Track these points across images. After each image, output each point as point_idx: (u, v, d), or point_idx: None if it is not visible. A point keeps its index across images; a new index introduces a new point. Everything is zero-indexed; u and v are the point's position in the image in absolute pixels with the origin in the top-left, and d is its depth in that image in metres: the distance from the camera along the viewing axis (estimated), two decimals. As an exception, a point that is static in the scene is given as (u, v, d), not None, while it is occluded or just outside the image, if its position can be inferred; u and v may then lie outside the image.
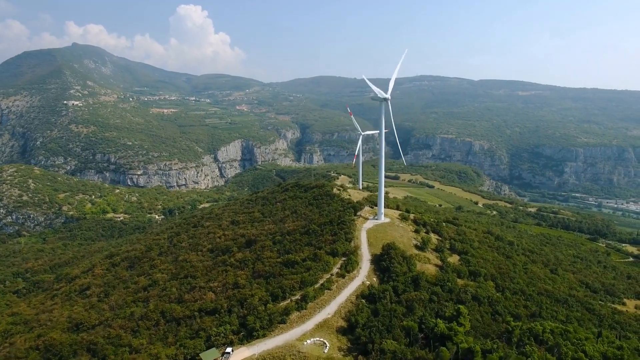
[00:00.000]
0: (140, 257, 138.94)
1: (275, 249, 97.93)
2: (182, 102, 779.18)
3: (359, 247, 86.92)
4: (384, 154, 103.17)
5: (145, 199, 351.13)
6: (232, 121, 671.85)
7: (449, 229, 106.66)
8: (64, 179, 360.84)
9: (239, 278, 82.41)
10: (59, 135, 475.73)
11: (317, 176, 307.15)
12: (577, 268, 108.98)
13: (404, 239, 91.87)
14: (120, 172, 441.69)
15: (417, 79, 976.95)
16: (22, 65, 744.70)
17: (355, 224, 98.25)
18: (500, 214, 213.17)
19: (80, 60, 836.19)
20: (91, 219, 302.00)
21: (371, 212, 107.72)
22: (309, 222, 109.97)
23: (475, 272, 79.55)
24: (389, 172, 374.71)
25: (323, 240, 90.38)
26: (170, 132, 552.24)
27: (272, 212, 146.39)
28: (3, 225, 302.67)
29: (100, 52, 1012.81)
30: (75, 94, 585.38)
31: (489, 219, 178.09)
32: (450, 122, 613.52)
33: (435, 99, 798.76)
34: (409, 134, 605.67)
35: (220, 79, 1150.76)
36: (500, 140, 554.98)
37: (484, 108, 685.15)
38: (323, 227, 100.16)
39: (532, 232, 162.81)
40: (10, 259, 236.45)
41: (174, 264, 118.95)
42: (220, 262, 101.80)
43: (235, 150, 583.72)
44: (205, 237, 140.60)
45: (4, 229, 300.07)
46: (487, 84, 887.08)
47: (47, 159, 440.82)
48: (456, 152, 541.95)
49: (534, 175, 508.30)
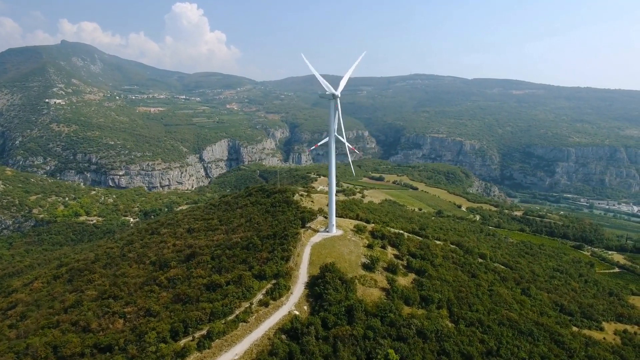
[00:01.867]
0: (83, 269, 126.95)
1: (210, 266, 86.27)
2: (170, 101, 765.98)
3: (296, 267, 75.26)
4: (334, 157, 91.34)
5: (122, 200, 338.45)
6: (220, 120, 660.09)
7: (410, 242, 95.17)
8: (38, 180, 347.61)
9: (154, 303, 70.76)
10: (39, 134, 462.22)
11: (297, 177, 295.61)
12: (554, 285, 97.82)
13: (352, 256, 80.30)
14: (102, 173, 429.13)
15: (410, 78, 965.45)
16: (6, 63, 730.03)
17: (301, 237, 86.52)
18: (483, 218, 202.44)
19: (68, 58, 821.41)
20: (62, 223, 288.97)
21: (324, 223, 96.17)
22: (257, 233, 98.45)
23: (427, 298, 68.06)
24: (374, 172, 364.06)
25: (258, 257, 78.90)
26: (155, 132, 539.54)
27: (229, 220, 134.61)
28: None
29: (90, 50, 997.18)
30: (58, 92, 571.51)
31: (468, 225, 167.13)
32: (442, 121, 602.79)
33: (428, 97, 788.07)
34: (400, 133, 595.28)
35: (212, 78, 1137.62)
36: (491, 139, 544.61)
37: (476, 107, 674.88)
38: (264, 241, 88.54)
39: (512, 240, 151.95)
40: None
41: (111, 279, 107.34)
42: (151, 280, 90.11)
43: (222, 150, 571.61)
44: (156, 247, 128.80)
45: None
46: (481, 83, 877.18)
47: (25, 159, 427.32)
48: (447, 151, 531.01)
49: (525, 175, 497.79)
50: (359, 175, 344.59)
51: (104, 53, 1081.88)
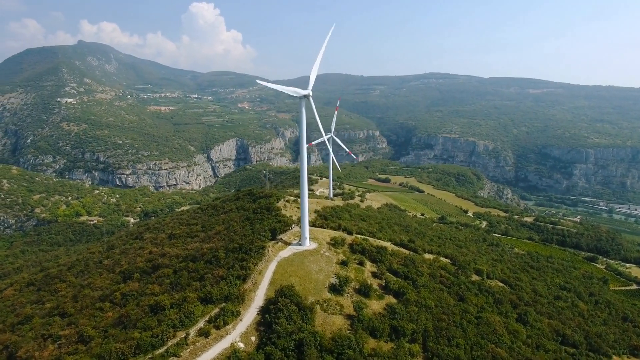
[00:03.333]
0: (55, 276, 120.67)
1: (168, 281, 78.10)
2: (182, 100, 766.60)
3: (255, 287, 66.25)
4: (305, 161, 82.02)
5: (125, 200, 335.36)
6: (229, 119, 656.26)
7: (394, 257, 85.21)
8: (42, 179, 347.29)
9: (90, 327, 62.82)
10: (50, 133, 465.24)
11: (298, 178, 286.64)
12: (558, 307, 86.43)
13: (321, 275, 70.91)
14: (109, 172, 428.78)
15: (424, 77, 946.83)
16: (23, 63, 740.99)
17: (268, 252, 77.49)
18: (490, 224, 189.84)
19: (83, 57, 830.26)
20: (62, 222, 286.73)
21: (300, 234, 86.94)
22: (227, 244, 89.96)
23: (398, 329, 58.24)
24: (382, 174, 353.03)
25: (215, 275, 70.32)
26: (163, 131, 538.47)
27: (211, 226, 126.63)
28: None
29: (106, 50, 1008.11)
30: (70, 92, 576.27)
31: (471, 233, 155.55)
32: (455, 121, 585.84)
33: (441, 97, 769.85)
34: (411, 133, 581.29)
35: (225, 77, 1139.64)
36: (506, 140, 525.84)
37: (491, 106, 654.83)
38: (229, 254, 79.88)
39: (518, 251, 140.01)
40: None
41: (76, 289, 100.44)
42: (108, 294, 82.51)
43: (230, 150, 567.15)
44: (133, 254, 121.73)
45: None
46: (497, 82, 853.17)
47: (35, 157, 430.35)
48: (459, 152, 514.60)
49: (540, 177, 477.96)
50: (364, 176, 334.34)
51: (120, 52, 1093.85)
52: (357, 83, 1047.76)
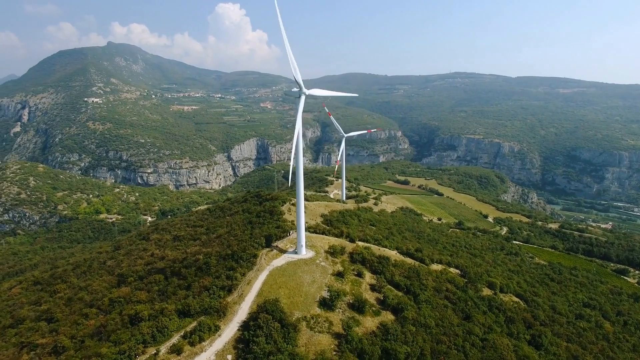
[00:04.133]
0: (59, 275, 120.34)
1: (157, 288, 74.98)
2: (205, 99, 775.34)
3: (240, 299, 61.91)
4: (302, 161, 77.00)
5: (144, 199, 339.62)
6: (251, 119, 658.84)
7: (397, 267, 79.35)
8: (66, 177, 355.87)
9: (66, 338, 59.97)
10: (77, 132, 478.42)
11: (314, 179, 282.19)
12: (579, 328, 78.22)
13: (313, 287, 65.97)
14: (131, 170, 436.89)
15: (449, 76, 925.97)
16: (56, 64, 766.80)
17: (260, 260, 73.18)
18: (510, 231, 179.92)
19: (111, 58, 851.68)
20: (83, 220, 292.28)
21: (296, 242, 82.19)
22: (223, 250, 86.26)
23: (390, 353, 52.61)
24: (401, 175, 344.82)
25: (201, 284, 66.47)
26: (185, 130, 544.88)
27: (215, 228, 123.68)
28: (0, 223, 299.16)
29: (134, 51, 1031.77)
30: (97, 92, 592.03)
31: (488, 240, 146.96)
32: (479, 121, 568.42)
33: (466, 97, 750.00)
34: (434, 134, 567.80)
35: (249, 76, 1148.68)
36: (532, 141, 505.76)
37: (518, 107, 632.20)
38: (220, 261, 76.09)
39: (539, 261, 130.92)
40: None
41: (73, 292, 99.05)
42: (98, 299, 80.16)
43: (250, 149, 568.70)
44: (136, 255, 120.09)
45: (0, 227, 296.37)
46: (525, 81, 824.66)
47: (63, 155, 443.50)
48: (483, 154, 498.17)
49: (569, 180, 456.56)
50: (383, 178, 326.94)
51: (147, 53, 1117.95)
52: (380, 83, 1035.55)
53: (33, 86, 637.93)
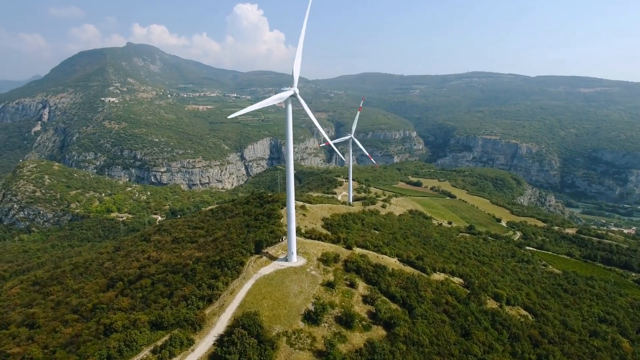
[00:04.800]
0: (57, 277, 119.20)
1: (141, 294, 72.07)
2: (220, 99, 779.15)
3: (221, 310, 58.30)
4: (292, 168, 72.90)
5: (155, 198, 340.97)
6: (265, 118, 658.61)
7: (394, 277, 74.60)
8: (80, 175, 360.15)
9: (36, 349, 57.38)
10: (93, 131, 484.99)
11: (324, 180, 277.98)
12: (593, 347, 71.97)
13: (299, 298, 61.91)
14: (145, 169, 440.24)
15: (466, 76, 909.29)
16: (76, 64, 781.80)
17: (248, 268, 69.49)
18: (524, 236, 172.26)
19: (129, 58, 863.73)
20: (94, 218, 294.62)
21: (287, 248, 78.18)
22: (214, 255, 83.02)
23: (375, 374, 48.36)
24: (414, 177, 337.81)
25: (182, 293, 63.16)
26: (199, 129, 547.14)
27: (214, 231, 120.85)
28: (15, 220, 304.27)
29: (152, 51, 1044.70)
30: (113, 91, 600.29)
31: (499, 246, 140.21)
32: (496, 121, 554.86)
33: (484, 96, 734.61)
34: (449, 134, 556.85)
35: (265, 76, 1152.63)
36: (551, 142, 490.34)
37: (537, 107, 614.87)
38: (207, 268, 72.78)
39: (552, 269, 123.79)
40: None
41: (65, 294, 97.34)
42: (83, 304, 77.80)
43: (263, 149, 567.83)
44: (133, 257, 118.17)
45: (16, 224, 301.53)
46: (545, 81, 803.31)
47: (79, 154, 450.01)
48: (500, 155, 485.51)
49: (589, 183, 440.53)
50: (395, 179, 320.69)
51: (165, 53, 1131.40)
52: (396, 82, 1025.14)
53: (54, 86, 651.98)
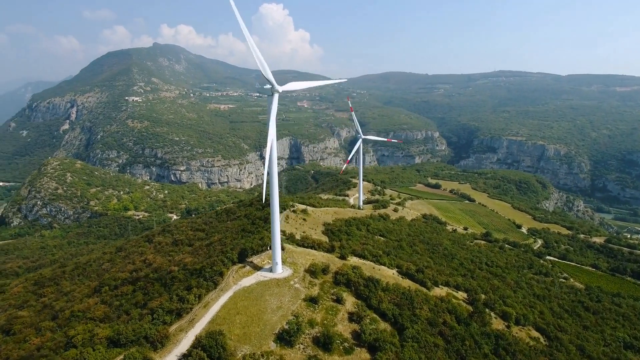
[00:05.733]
0: (55, 277, 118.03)
1: (118, 303, 68.45)
2: (242, 98, 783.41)
3: (190, 325, 53.67)
4: (275, 171, 67.59)
5: (172, 197, 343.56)
6: (285, 117, 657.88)
7: (388, 292, 68.27)
8: (100, 174, 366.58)
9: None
10: (116, 130, 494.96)
11: (339, 181, 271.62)
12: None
13: (276, 315, 56.60)
14: (165, 167, 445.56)
15: (492, 75, 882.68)
16: (104, 65, 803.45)
17: (229, 278, 64.68)
18: (545, 244, 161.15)
19: (155, 58, 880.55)
20: (112, 216, 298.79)
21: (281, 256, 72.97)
22: (202, 260, 78.85)
23: (347, 410, 42.59)
24: (433, 178, 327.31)
25: (152, 305, 58.95)
26: (219, 128, 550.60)
27: (213, 234, 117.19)
28: (39, 216, 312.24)
29: (177, 51, 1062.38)
30: (137, 90, 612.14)
31: (515, 256, 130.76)
32: (523, 122, 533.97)
33: (510, 96, 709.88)
34: (473, 135, 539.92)
35: (288, 75, 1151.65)
36: (581, 144, 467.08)
37: (567, 106, 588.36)
38: (186, 277, 68.46)
39: (574, 283, 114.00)
40: (12, 253, 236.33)
41: (55, 296, 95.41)
42: (63, 310, 74.93)
43: (283, 148, 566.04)
44: (130, 260, 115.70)
45: (39, 220, 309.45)
46: (576, 79, 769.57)
47: (102, 152, 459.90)
48: (525, 156, 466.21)
49: (623, 187, 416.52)
50: (413, 181, 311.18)
51: (190, 53, 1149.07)
52: (420, 82, 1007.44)
53: (82, 86, 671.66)
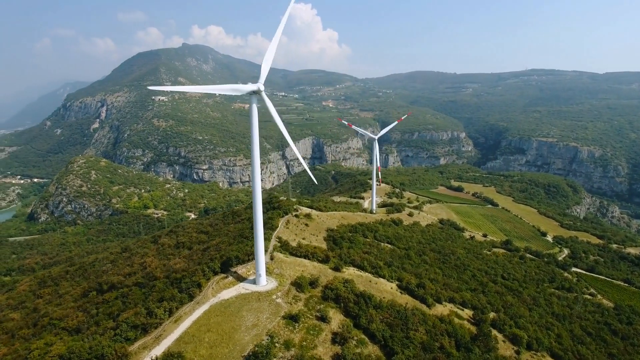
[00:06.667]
0: (55, 277, 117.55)
1: (95, 311, 65.16)
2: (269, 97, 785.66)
3: (156, 342, 49.49)
4: (259, 176, 62.61)
5: (191, 196, 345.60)
6: (309, 117, 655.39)
7: (380, 311, 62.07)
8: (123, 172, 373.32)
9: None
10: (142, 128, 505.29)
11: (356, 183, 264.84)
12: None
13: (249, 334, 51.53)
14: (188, 166, 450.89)
15: (524, 74, 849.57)
16: (134, 65, 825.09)
17: (208, 291, 60.23)
18: (572, 254, 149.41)
19: (183, 58, 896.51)
20: (132, 214, 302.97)
21: (271, 265, 68.20)
22: (193, 266, 74.95)
23: None
24: (457, 181, 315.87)
25: (121, 318, 55.13)
26: (242, 128, 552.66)
27: (215, 237, 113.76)
28: (64, 213, 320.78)
29: (205, 51, 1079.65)
30: (164, 90, 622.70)
31: (536, 267, 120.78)
32: (555, 122, 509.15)
33: (542, 95, 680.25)
34: (501, 136, 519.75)
35: (314, 75, 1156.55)
36: (619, 146, 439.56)
37: (603, 106, 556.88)
38: (167, 286, 64.41)
39: (601, 301, 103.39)
40: (35, 248, 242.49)
41: (50, 297, 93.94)
42: (45, 315, 72.54)
43: (305, 148, 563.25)
44: (129, 262, 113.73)
45: (64, 217, 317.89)
46: (615, 78, 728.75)
47: (128, 150, 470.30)
48: (557, 159, 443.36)
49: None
50: (435, 183, 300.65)
51: (218, 53, 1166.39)
52: (448, 81, 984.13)
53: (112, 86, 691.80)
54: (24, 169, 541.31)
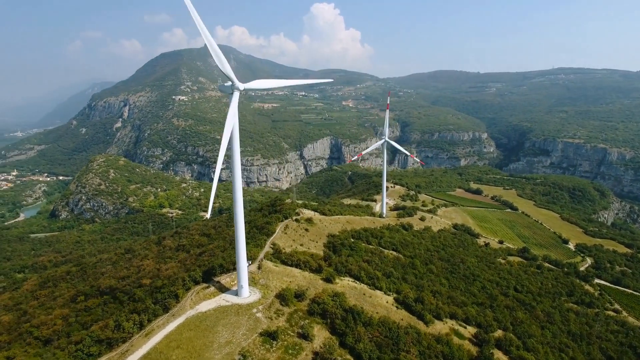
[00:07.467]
0: (57, 277, 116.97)
1: (73, 320, 62.61)
2: (287, 97, 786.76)
3: (121, 359, 46.15)
4: (239, 180, 58.70)
5: (206, 195, 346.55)
6: (328, 117, 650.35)
7: (369, 329, 57.14)
8: (141, 171, 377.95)
9: None
10: (162, 128, 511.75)
11: (370, 185, 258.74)
12: None
13: (220, 353, 47.48)
14: (206, 165, 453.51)
15: (550, 72, 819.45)
16: (156, 65, 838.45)
17: (186, 302, 56.65)
18: (596, 264, 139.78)
19: (204, 59, 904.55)
20: (147, 213, 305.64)
21: (258, 276, 64.33)
22: (175, 273, 71.79)
23: None
24: (476, 183, 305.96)
25: (97, 327, 52.15)
26: (260, 127, 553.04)
27: (215, 240, 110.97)
28: (83, 210, 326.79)
29: (227, 51, 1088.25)
30: (184, 90, 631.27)
31: (553, 279, 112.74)
32: (582, 123, 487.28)
33: (569, 95, 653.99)
34: (525, 137, 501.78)
35: (335, 74, 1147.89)
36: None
37: (636, 105, 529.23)
38: (146, 295, 61.29)
39: (626, 319, 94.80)
40: (52, 246, 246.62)
41: (46, 299, 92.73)
42: (28, 320, 70.63)
43: (323, 148, 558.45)
44: (128, 265, 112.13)
45: (83, 214, 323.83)
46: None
47: (148, 149, 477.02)
48: (583, 161, 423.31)
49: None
50: (453, 185, 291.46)
51: (240, 53, 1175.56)
52: (471, 80, 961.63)
53: (135, 86, 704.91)
54: (50, 167, 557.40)
